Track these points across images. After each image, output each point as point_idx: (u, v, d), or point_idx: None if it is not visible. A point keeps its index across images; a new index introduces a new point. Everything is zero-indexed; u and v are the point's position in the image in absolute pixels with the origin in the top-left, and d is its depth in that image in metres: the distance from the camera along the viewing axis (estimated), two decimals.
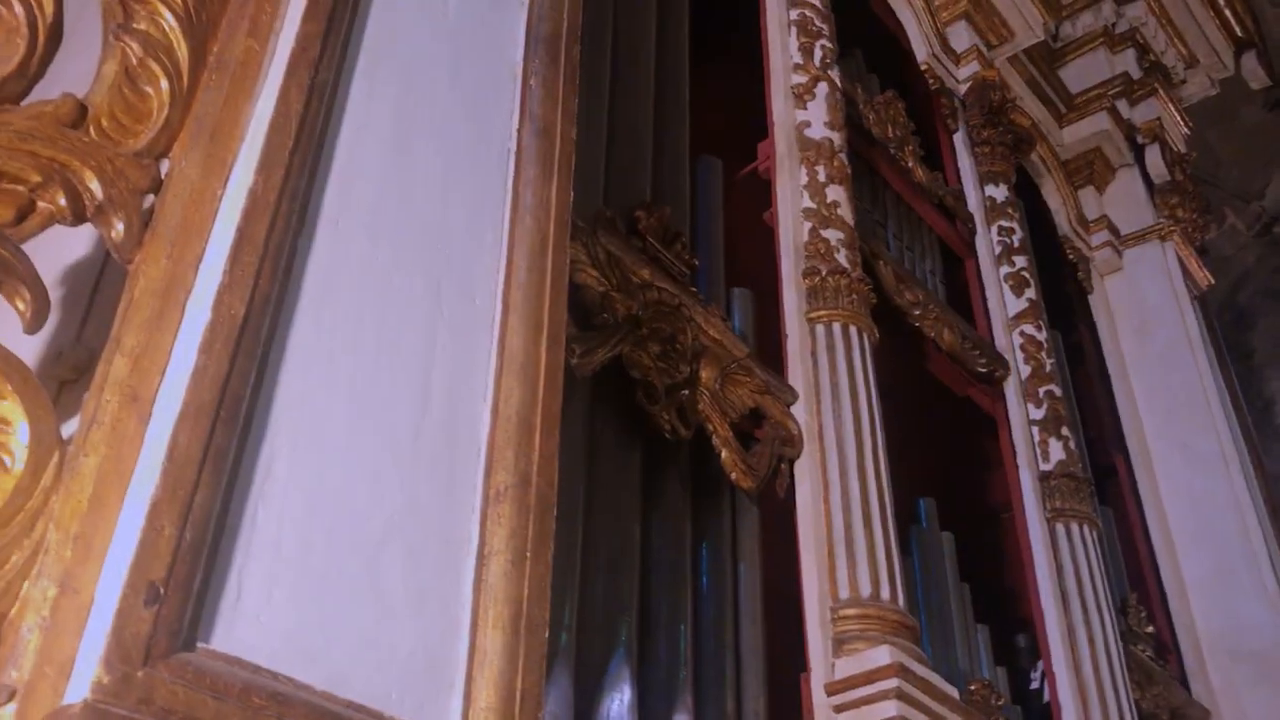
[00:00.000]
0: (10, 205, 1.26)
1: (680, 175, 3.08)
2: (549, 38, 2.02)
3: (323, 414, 1.43)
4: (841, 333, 3.04)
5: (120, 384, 1.26)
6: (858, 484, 2.78)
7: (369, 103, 1.69)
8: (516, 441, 1.58)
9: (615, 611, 2.23)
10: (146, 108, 1.46)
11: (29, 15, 1.34)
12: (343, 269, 1.53)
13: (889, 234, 3.95)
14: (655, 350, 2.53)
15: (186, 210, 1.42)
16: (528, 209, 1.80)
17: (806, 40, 3.64)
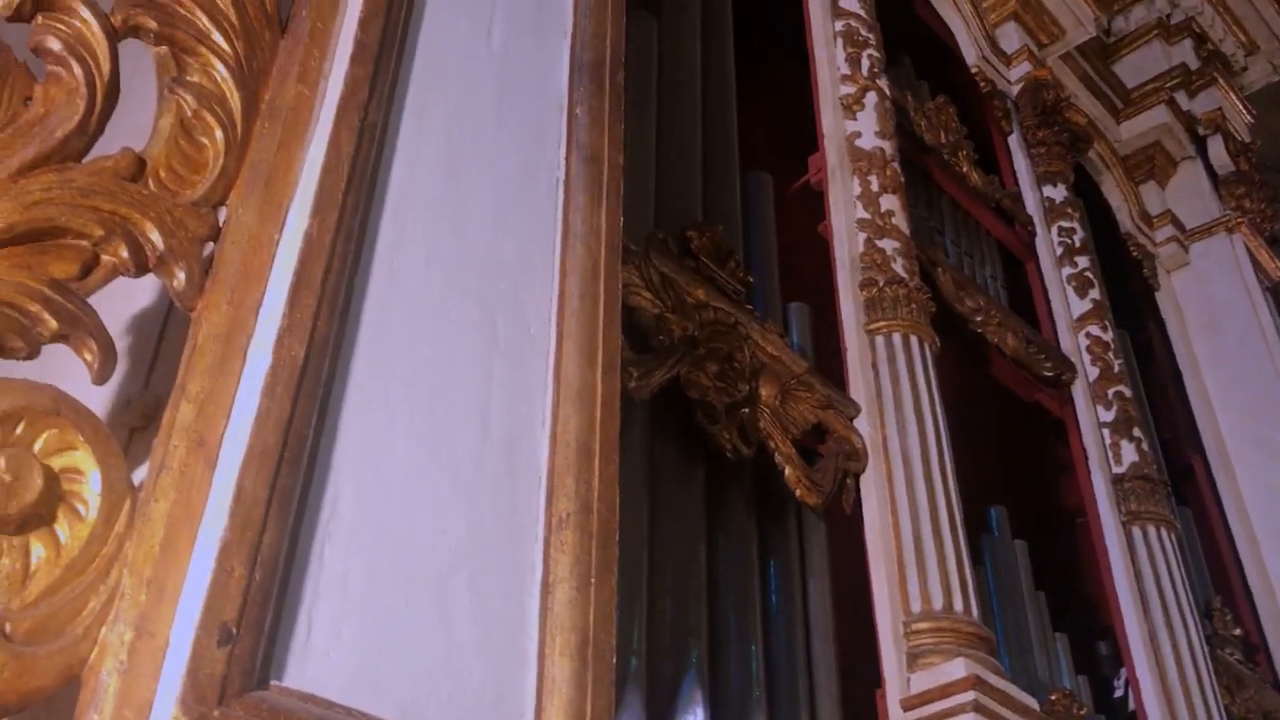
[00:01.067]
0: (75, 260, 1.30)
1: (731, 193, 3.08)
2: (592, 65, 2.04)
3: (384, 449, 1.45)
4: (902, 343, 3.02)
5: (187, 429, 1.29)
6: (925, 495, 2.75)
7: (418, 140, 1.71)
8: (576, 468, 1.58)
9: (684, 634, 2.23)
10: (203, 158, 1.49)
11: (87, 75, 1.39)
12: (399, 305, 1.56)
13: (946, 241, 3.92)
14: (713, 370, 2.53)
15: (245, 256, 1.45)
16: (578, 236, 1.82)
17: (853, 50, 3.63)
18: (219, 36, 1.56)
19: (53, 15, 1.39)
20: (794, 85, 3.73)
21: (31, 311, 1.22)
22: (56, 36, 1.38)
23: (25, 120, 1.32)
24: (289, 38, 1.66)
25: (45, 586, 1.13)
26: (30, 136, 1.31)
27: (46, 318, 1.23)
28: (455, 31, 1.88)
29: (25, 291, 1.22)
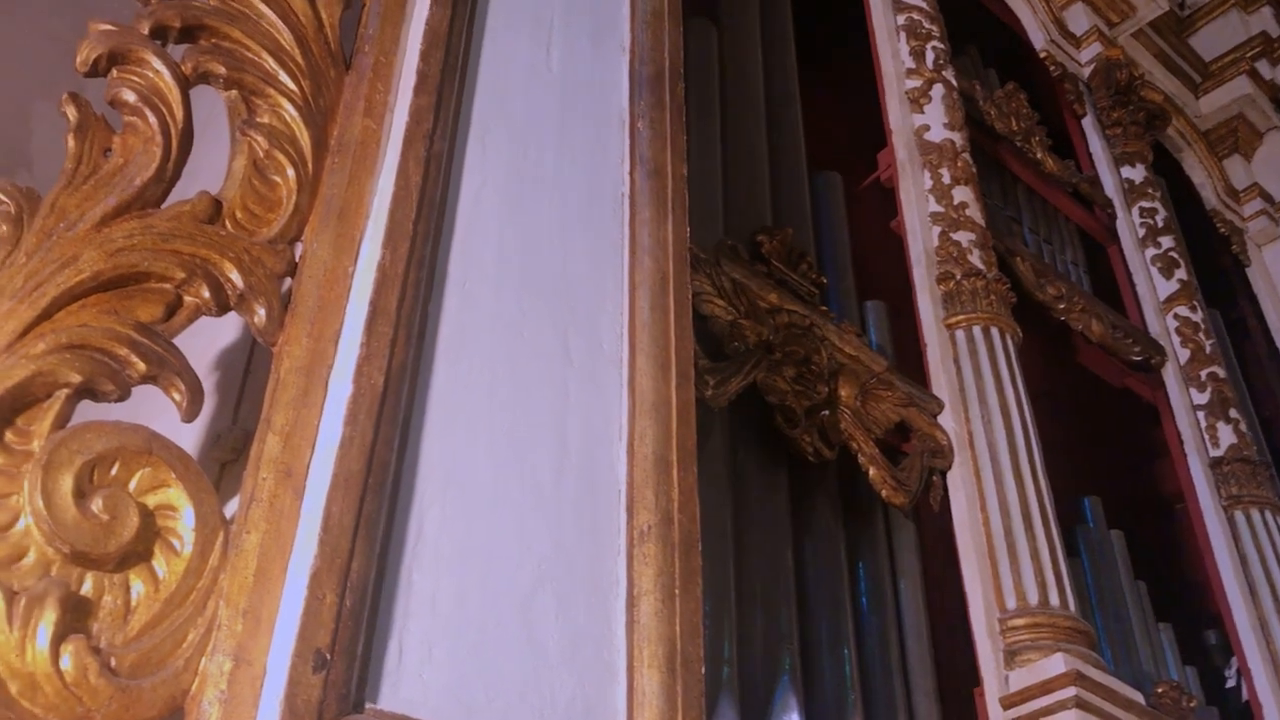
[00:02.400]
0: (159, 303, 1.35)
1: (800, 194, 3.06)
2: (652, 79, 2.05)
3: (465, 470, 1.47)
4: (983, 336, 2.98)
5: (274, 461, 1.33)
6: (1015, 489, 2.70)
7: (484, 165, 1.74)
8: (655, 480, 1.59)
9: (775, 640, 2.22)
10: (276, 196, 1.54)
11: (162, 123, 1.44)
12: (472, 328, 1.58)
13: (1024, 229, 3.85)
14: (790, 374, 2.52)
15: (322, 290, 1.48)
16: (645, 250, 1.83)
17: (916, 44, 3.60)
18: (286, 77, 1.60)
19: (127, 68, 1.45)
20: (859, 81, 3.70)
21: (120, 355, 1.27)
22: (131, 88, 1.43)
23: (106, 171, 1.37)
24: (353, 73, 1.70)
25: (146, 621, 1.17)
26: (111, 186, 1.36)
27: (135, 360, 1.28)
28: (515, 55, 1.91)
29: (114, 336, 1.27)
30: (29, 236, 1.27)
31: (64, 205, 1.31)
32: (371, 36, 1.72)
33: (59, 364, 1.21)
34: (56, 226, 1.29)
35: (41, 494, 1.14)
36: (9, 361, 1.18)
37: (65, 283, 1.26)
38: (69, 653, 1.09)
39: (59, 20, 3.12)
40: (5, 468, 1.15)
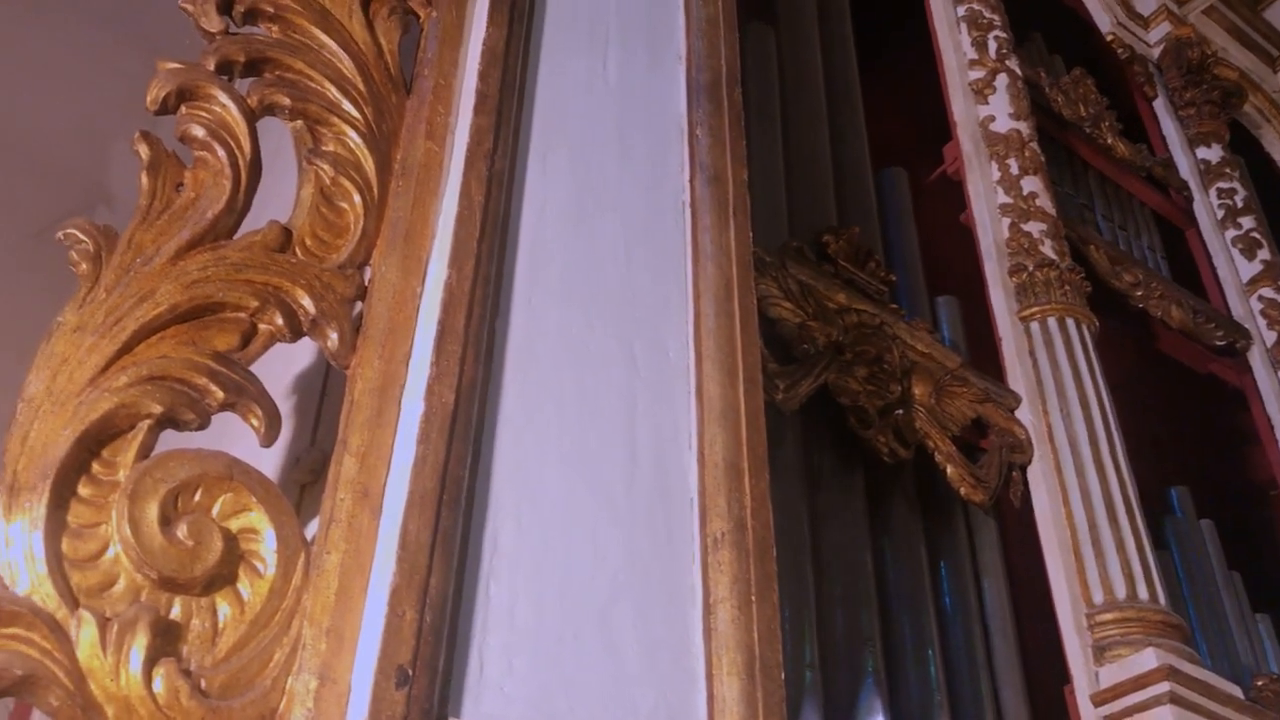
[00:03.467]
0: (235, 332, 1.38)
1: (865, 192, 3.04)
2: (709, 85, 2.06)
3: (538, 484, 1.49)
4: (1058, 327, 2.93)
5: (351, 482, 1.35)
6: (1098, 482, 2.65)
7: (545, 181, 1.76)
8: (727, 487, 1.59)
9: (858, 643, 2.20)
10: (344, 222, 1.57)
11: (230, 156, 1.48)
12: (540, 343, 1.60)
13: (1097, 216, 3.78)
14: (862, 374, 2.50)
15: (391, 311, 1.51)
16: (708, 256, 1.83)
17: (978, 34, 3.56)
18: (349, 105, 1.64)
19: (195, 104, 1.49)
20: (921, 75, 3.67)
21: (199, 385, 1.31)
22: (200, 123, 1.48)
23: (179, 205, 1.41)
24: (414, 97, 1.73)
25: (234, 642, 1.20)
26: (184, 220, 1.40)
27: (213, 389, 1.32)
28: (571, 70, 1.92)
29: (192, 366, 1.31)
30: (108, 273, 1.31)
31: (140, 241, 1.35)
32: (430, 60, 1.75)
33: (141, 396, 1.25)
34: (134, 262, 1.34)
35: (129, 522, 1.18)
36: (93, 395, 1.22)
37: (144, 316, 1.30)
38: (161, 676, 1.12)
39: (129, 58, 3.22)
40: (93, 498, 1.19)
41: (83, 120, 3.27)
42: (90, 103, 3.28)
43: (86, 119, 3.26)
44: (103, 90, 3.29)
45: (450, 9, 1.82)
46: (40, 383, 1.22)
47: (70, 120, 3.25)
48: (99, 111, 3.27)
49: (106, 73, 3.33)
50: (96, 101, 3.29)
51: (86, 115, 3.27)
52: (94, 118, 3.27)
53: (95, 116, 3.27)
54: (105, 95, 3.27)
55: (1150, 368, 3.65)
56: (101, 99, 3.28)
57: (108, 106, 3.22)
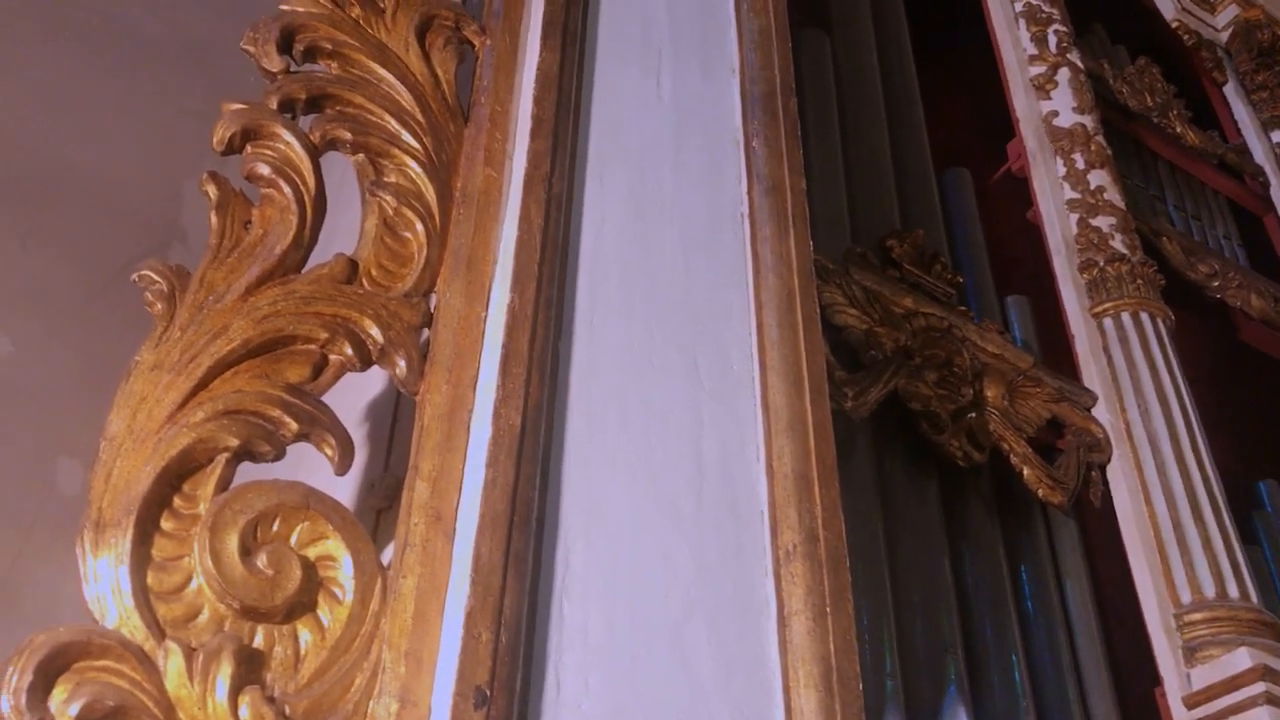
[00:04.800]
0: (306, 364, 1.41)
1: (928, 195, 3.02)
2: (764, 96, 2.06)
3: (607, 501, 1.50)
4: (1132, 322, 2.87)
5: (424, 506, 1.38)
6: (1180, 479, 2.59)
7: (603, 200, 1.77)
8: (797, 499, 1.59)
9: (939, 650, 2.18)
10: (407, 251, 1.60)
11: (296, 192, 1.51)
12: (603, 361, 1.61)
13: (1169, 207, 3.71)
14: (932, 378, 2.47)
15: (457, 337, 1.53)
16: (769, 267, 1.83)
17: (1037, 29, 3.51)
18: (409, 136, 1.67)
19: (260, 143, 1.53)
20: (980, 73, 3.63)
21: (273, 417, 1.34)
22: (265, 161, 1.51)
23: (248, 243, 1.45)
24: (471, 125, 1.75)
25: (315, 668, 1.23)
26: (254, 257, 1.44)
27: (287, 420, 1.35)
28: (626, 89, 1.94)
29: (266, 399, 1.34)
30: (182, 311, 1.35)
31: (212, 279, 1.39)
32: (486, 88, 1.78)
33: (218, 430, 1.29)
34: (206, 300, 1.37)
35: (210, 554, 1.21)
36: (172, 431, 1.26)
37: (218, 352, 1.34)
38: (246, 703, 1.15)
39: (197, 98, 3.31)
40: (175, 532, 1.23)
41: (155, 160, 3.36)
42: (162, 143, 3.37)
43: (158, 159, 3.35)
44: (173, 130, 3.38)
45: (504, 37, 1.85)
46: (121, 421, 1.26)
47: (143, 161, 3.34)
48: (170, 151, 3.36)
49: (176, 113, 3.42)
50: (168, 141, 3.38)
51: (158, 155, 3.36)
52: (166, 157, 3.35)
53: (167, 156, 3.35)
54: (176, 135, 3.36)
55: (1231, 359, 3.57)
56: (172, 139, 3.37)
57: (179, 146, 3.31)
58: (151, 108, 3.44)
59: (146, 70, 3.50)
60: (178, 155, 3.33)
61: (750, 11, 2.20)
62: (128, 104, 3.41)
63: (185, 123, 3.35)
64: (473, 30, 1.87)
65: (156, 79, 3.49)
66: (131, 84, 3.47)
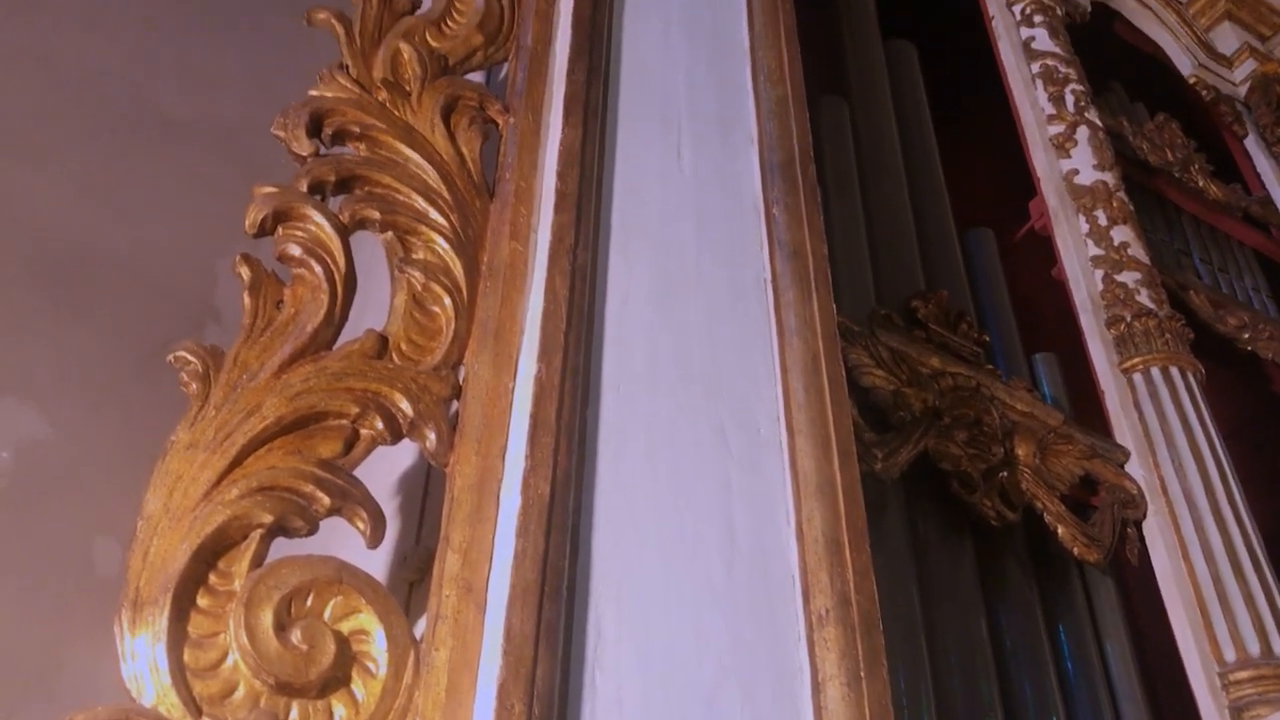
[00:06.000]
0: (338, 438, 1.43)
1: (951, 254, 3.04)
2: (783, 164, 2.09)
3: (637, 569, 1.50)
4: (1162, 377, 2.86)
5: (455, 578, 1.38)
6: (1218, 534, 2.56)
7: (627, 270, 1.80)
8: (828, 563, 1.59)
9: (978, 713, 2.15)
10: (436, 325, 1.62)
11: (327, 271, 1.54)
12: (631, 429, 1.62)
13: (1195, 260, 3.71)
14: (962, 438, 2.47)
15: (485, 408, 1.55)
16: (793, 331, 1.85)
17: (1055, 89, 3.54)
18: (435, 213, 1.70)
19: (291, 224, 1.57)
20: (1000, 133, 3.66)
21: (306, 492, 1.36)
22: (296, 243, 1.55)
23: (280, 322, 1.48)
24: (497, 200, 1.79)
25: None
26: (286, 336, 1.46)
27: (320, 496, 1.36)
28: (647, 162, 1.97)
29: (299, 475, 1.36)
30: (216, 391, 1.38)
31: (245, 358, 1.42)
32: (510, 164, 1.82)
33: (252, 506, 1.31)
34: (240, 379, 1.40)
35: (245, 630, 1.22)
36: (207, 509, 1.28)
37: (251, 430, 1.36)
38: None
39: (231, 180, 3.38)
40: (211, 609, 1.24)
41: (189, 241, 3.42)
42: (195, 224, 3.44)
43: (192, 240, 3.41)
44: (206, 212, 3.45)
45: (527, 115, 1.89)
46: (158, 500, 1.29)
47: (177, 242, 3.41)
48: (203, 232, 3.42)
49: (209, 195, 3.49)
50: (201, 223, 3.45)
51: (192, 236, 3.42)
52: (199, 238, 3.42)
53: (200, 237, 3.42)
54: (209, 216, 3.43)
55: (1265, 411, 3.54)
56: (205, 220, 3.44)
57: (212, 227, 3.38)
58: (185, 190, 3.51)
59: (180, 154, 3.58)
60: (211, 236, 3.40)
61: (767, 82, 2.24)
62: (161, 187, 3.48)
63: (218, 204, 3.41)
64: (496, 109, 1.92)
65: (189, 162, 3.57)
66: (165, 167, 3.55)
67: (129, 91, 3.63)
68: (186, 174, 3.56)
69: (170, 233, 3.42)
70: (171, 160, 3.57)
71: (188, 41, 3.83)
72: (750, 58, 2.34)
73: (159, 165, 3.54)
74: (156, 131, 3.60)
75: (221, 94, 3.76)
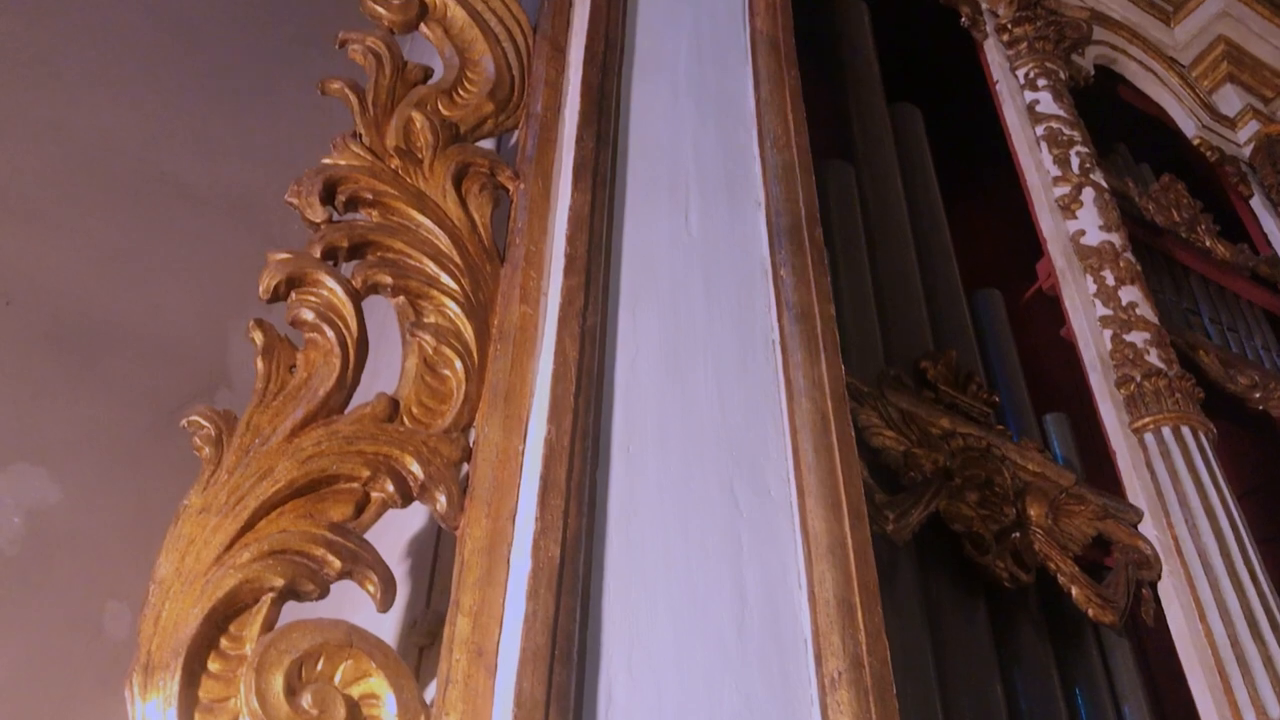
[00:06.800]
0: (349, 502, 1.44)
1: (959, 315, 3.05)
2: (790, 228, 2.11)
3: (649, 632, 1.49)
4: (1173, 437, 2.85)
5: (465, 642, 1.38)
6: (1234, 595, 2.54)
7: (635, 332, 1.81)
8: (840, 625, 1.58)
9: None
10: (446, 388, 1.64)
11: (339, 336, 1.56)
12: (640, 490, 1.62)
13: (1204, 320, 3.71)
14: (973, 499, 2.46)
15: (496, 471, 1.56)
16: (802, 392, 1.85)
17: (1059, 151, 3.58)
18: (447, 278, 1.72)
19: (304, 289, 1.59)
20: (1006, 194, 3.69)
21: (317, 556, 1.36)
22: (309, 307, 1.57)
23: (292, 386, 1.49)
24: (507, 265, 1.81)
25: None
26: (298, 400, 1.48)
27: (331, 559, 1.37)
28: (655, 226, 2.00)
29: (310, 539, 1.36)
30: (229, 455, 1.39)
31: (258, 423, 1.43)
32: (521, 229, 1.84)
33: (263, 570, 1.31)
34: (253, 443, 1.41)
35: (256, 695, 1.22)
36: (219, 573, 1.28)
37: (263, 494, 1.37)
38: None
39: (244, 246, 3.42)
40: (222, 673, 1.24)
41: (201, 307, 3.46)
42: (207, 290, 3.48)
43: (205, 305, 3.45)
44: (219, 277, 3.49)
45: (537, 181, 1.92)
46: (170, 565, 1.29)
47: (190, 308, 3.44)
48: (216, 297, 3.46)
49: (222, 261, 3.53)
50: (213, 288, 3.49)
51: (204, 302, 3.46)
52: (211, 304, 3.46)
53: (213, 303, 3.46)
54: (221, 282, 3.47)
55: (1278, 470, 3.52)
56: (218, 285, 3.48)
57: (224, 292, 3.42)
58: (198, 256, 3.55)
59: (194, 221, 3.63)
60: (224, 301, 3.43)
61: (773, 148, 2.27)
62: (176, 253, 3.53)
63: (230, 270, 3.46)
64: (507, 176, 1.94)
65: (204, 229, 3.62)
66: (179, 234, 3.60)
67: (144, 159, 3.69)
68: (200, 241, 3.61)
69: (184, 298, 3.46)
70: (186, 227, 3.61)
71: (203, 110, 3.90)
72: (756, 123, 2.38)
73: (173, 232, 3.59)
74: (171, 199, 3.65)
75: (236, 162, 3.82)
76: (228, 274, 3.45)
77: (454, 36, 2.15)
